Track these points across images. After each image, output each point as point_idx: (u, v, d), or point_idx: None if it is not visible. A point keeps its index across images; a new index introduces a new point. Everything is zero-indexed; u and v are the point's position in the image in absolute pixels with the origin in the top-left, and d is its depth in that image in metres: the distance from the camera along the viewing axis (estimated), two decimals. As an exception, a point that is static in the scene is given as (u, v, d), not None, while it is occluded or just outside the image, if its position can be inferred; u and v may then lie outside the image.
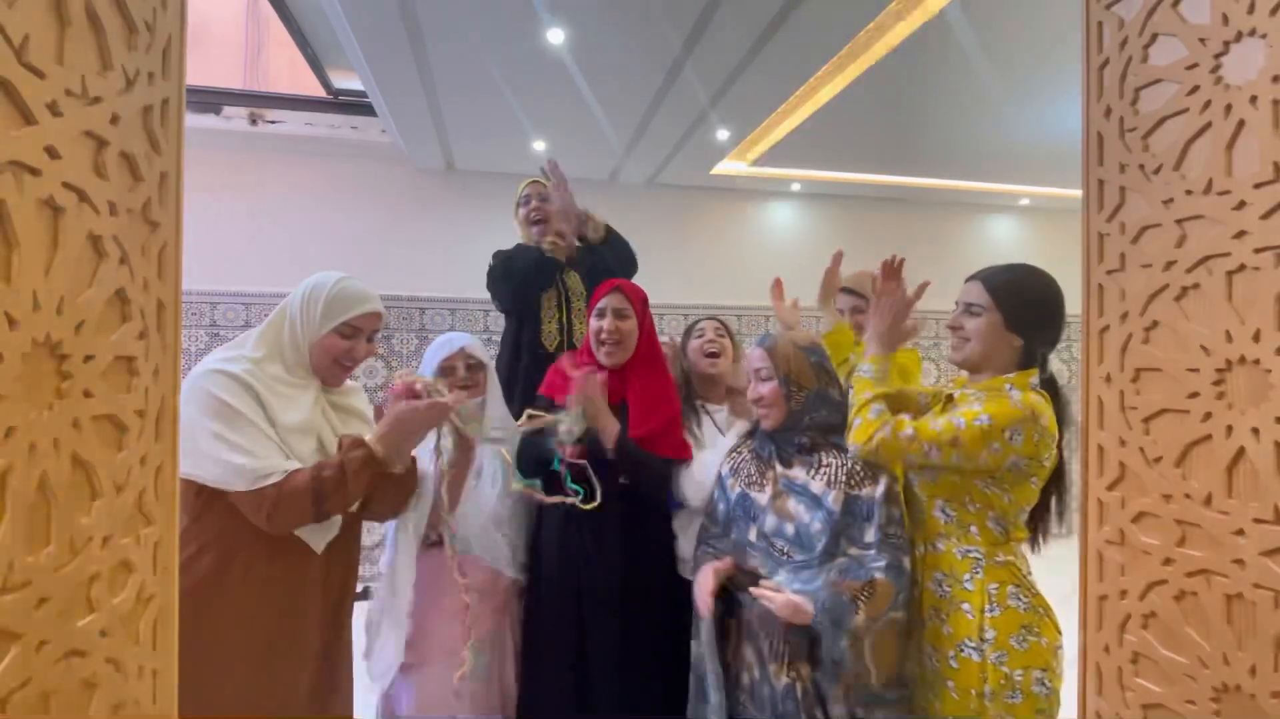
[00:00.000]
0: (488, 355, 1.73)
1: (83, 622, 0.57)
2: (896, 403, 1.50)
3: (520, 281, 2.10)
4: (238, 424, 1.17)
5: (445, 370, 1.66)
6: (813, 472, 1.38)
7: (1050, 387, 1.37)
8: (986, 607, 1.29)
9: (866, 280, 2.03)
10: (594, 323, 1.67)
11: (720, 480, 1.50)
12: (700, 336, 1.83)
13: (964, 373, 1.44)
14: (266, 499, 1.14)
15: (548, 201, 2.18)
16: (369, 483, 1.25)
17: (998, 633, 1.27)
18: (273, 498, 1.15)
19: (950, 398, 1.42)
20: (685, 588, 1.67)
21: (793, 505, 1.37)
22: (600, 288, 1.71)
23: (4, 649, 0.49)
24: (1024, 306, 1.35)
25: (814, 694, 1.29)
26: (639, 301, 1.69)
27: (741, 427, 1.74)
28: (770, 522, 1.37)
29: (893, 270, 1.45)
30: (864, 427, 1.32)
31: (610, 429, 1.56)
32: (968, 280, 1.41)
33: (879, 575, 1.27)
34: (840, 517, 1.32)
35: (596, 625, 1.58)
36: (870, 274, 2.04)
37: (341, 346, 1.31)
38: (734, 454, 1.52)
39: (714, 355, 1.81)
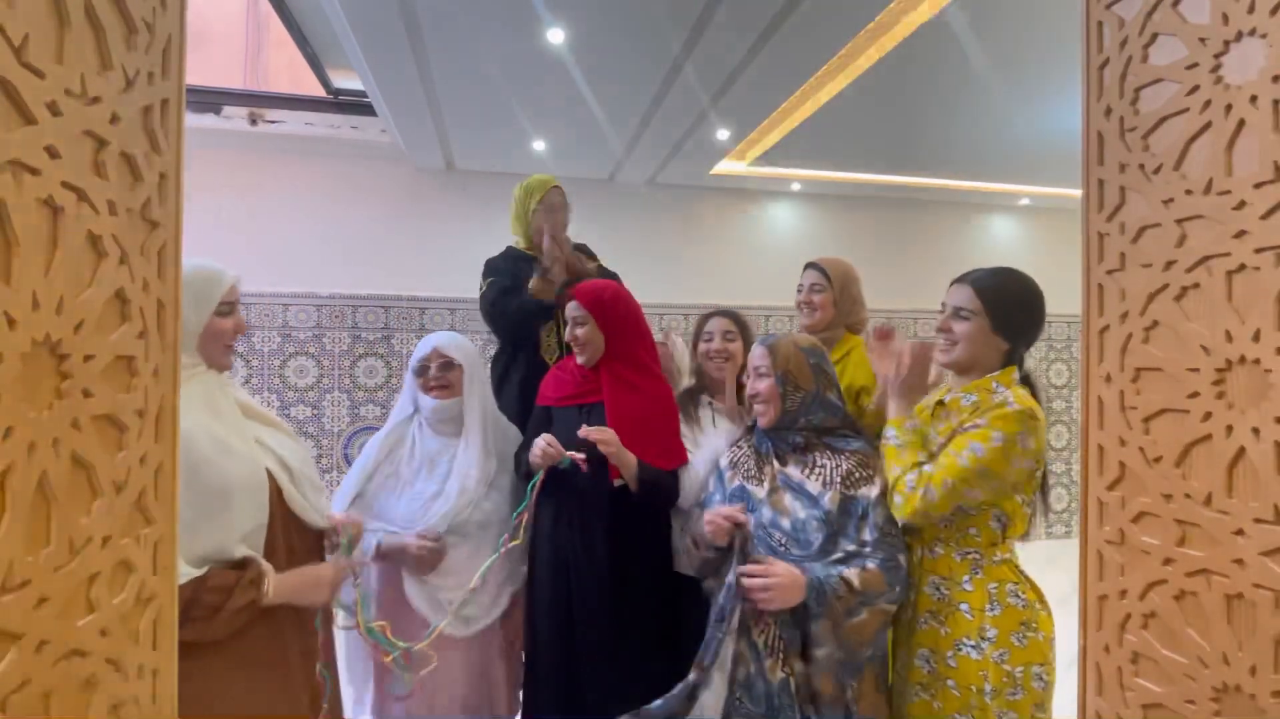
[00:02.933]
0: (466, 355, 1.70)
1: (83, 622, 0.57)
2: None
3: (512, 331, 2.10)
4: None
5: (419, 370, 1.66)
6: (807, 471, 1.40)
7: (1026, 382, 1.40)
8: (987, 606, 1.30)
9: (832, 263, 1.98)
10: (568, 330, 1.72)
11: (719, 473, 1.52)
12: (709, 341, 1.81)
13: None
14: None
15: (568, 209, 2.18)
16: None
17: (999, 631, 1.29)
18: None
19: (941, 403, 1.44)
20: (679, 583, 1.68)
21: (789, 501, 1.39)
22: (566, 296, 1.74)
23: (4, 649, 0.49)
24: (1011, 311, 1.38)
25: (808, 690, 1.30)
26: (595, 305, 1.69)
27: (729, 426, 1.74)
28: (767, 514, 1.39)
29: (886, 333, 1.50)
30: (906, 500, 1.30)
31: (629, 464, 1.59)
32: (954, 283, 1.43)
33: (871, 564, 1.30)
34: (837, 517, 1.34)
35: (586, 624, 1.59)
36: (842, 262, 2.02)
37: (228, 326, 1.28)
38: (735, 448, 1.54)
39: (723, 359, 1.81)
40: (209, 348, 1.25)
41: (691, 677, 1.34)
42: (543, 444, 1.56)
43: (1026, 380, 1.40)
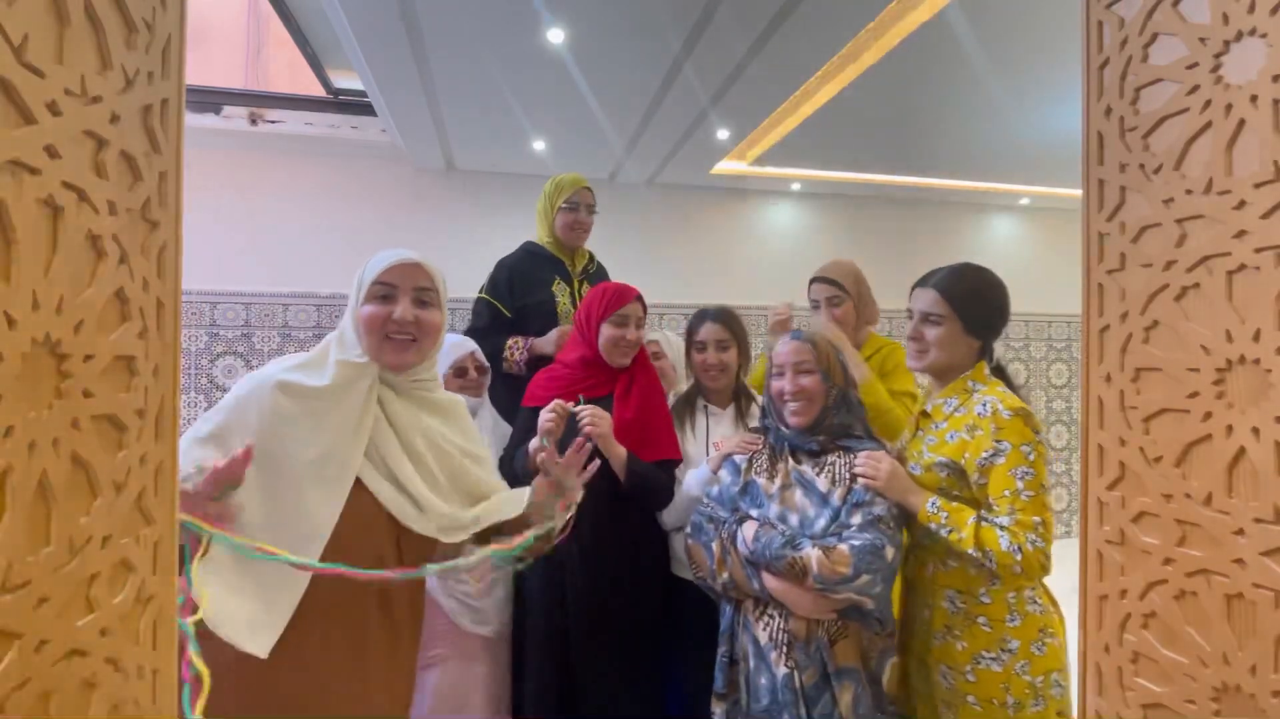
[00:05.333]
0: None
1: (82, 621, 0.57)
2: (886, 430, 1.57)
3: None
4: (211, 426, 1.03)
5: (458, 372, 1.70)
6: (819, 469, 1.39)
7: (999, 373, 1.40)
8: (1007, 617, 1.28)
9: (842, 270, 1.97)
10: (613, 331, 1.65)
11: (734, 465, 1.51)
12: (701, 351, 1.78)
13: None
14: None
15: (593, 212, 2.21)
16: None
17: (1020, 642, 1.26)
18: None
19: (925, 413, 1.44)
20: (676, 586, 1.68)
21: (799, 498, 1.38)
22: (619, 296, 1.69)
23: (4, 649, 0.49)
24: (980, 309, 1.37)
25: (815, 684, 1.30)
26: (645, 308, 1.75)
27: (727, 431, 1.73)
28: (775, 509, 1.39)
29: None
30: (1027, 566, 1.21)
31: (619, 456, 1.58)
32: (916, 287, 1.41)
33: (841, 545, 1.26)
34: (844, 513, 1.34)
35: (582, 626, 1.58)
36: (847, 263, 1.99)
37: (380, 314, 1.10)
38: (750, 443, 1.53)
39: (718, 371, 1.79)
40: (365, 335, 1.11)
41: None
42: (549, 410, 1.52)
43: (1000, 371, 1.40)
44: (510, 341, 2.09)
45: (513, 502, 1.24)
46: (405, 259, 1.14)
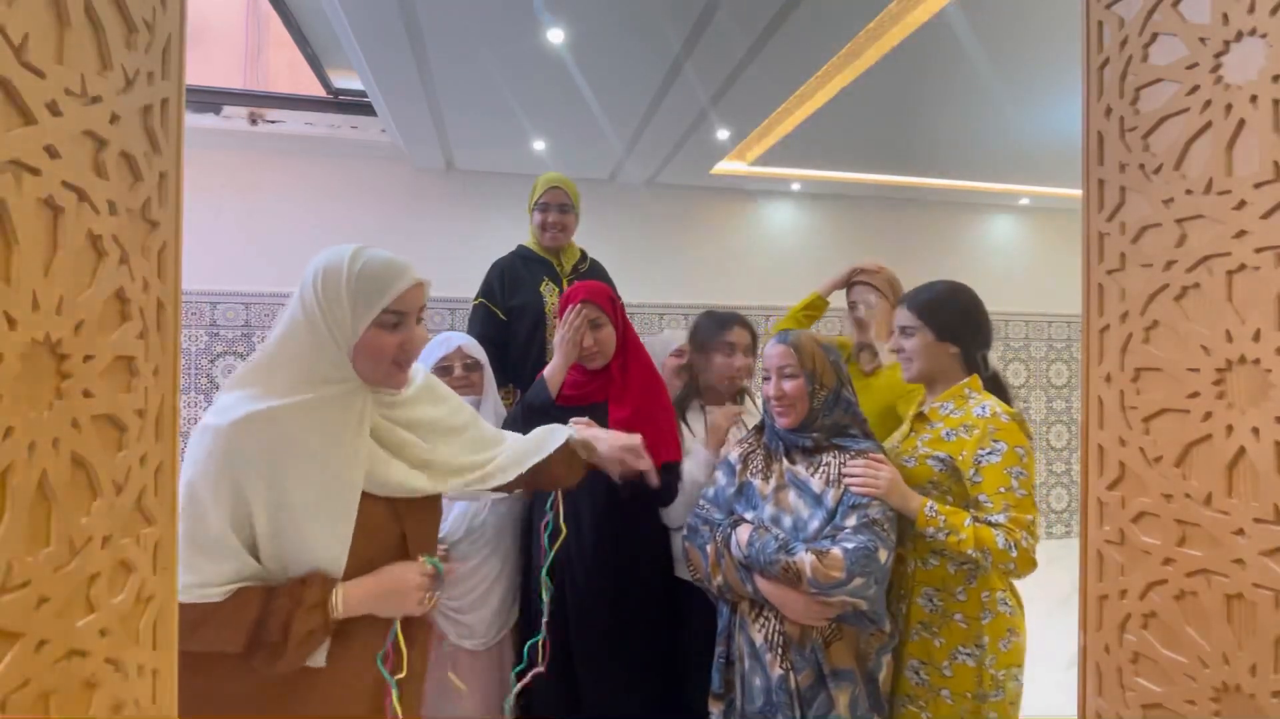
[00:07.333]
0: (485, 354, 1.72)
1: (83, 622, 0.57)
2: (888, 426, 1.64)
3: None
4: (198, 525, 0.94)
5: (442, 370, 1.64)
6: (813, 469, 1.39)
7: (995, 382, 1.47)
8: (981, 614, 1.35)
9: (882, 276, 2.02)
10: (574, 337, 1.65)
11: (729, 466, 1.50)
12: (729, 355, 1.75)
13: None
14: (185, 619, 0.76)
15: (567, 211, 2.20)
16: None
17: (990, 638, 1.34)
18: (192, 620, 0.88)
19: (921, 414, 1.49)
20: (679, 588, 1.67)
21: (793, 499, 1.38)
22: (567, 300, 1.66)
23: (4, 649, 0.49)
24: (949, 317, 1.45)
25: (810, 686, 1.30)
26: (609, 303, 1.68)
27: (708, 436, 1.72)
28: (769, 510, 1.39)
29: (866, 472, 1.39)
30: (1019, 562, 1.25)
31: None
32: (895, 307, 1.53)
33: (835, 548, 1.27)
34: (839, 514, 1.34)
35: (583, 629, 1.58)
36: (879, 267, 2.03)
37: (391, 342, 1.01)
38: (744, 443, 1.52)
39: (745, 376, 1.77)
40: (363, 362, 1.01)
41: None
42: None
43: (995, 379, 1.48)
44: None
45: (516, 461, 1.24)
46: (415, 279, 1.05)
